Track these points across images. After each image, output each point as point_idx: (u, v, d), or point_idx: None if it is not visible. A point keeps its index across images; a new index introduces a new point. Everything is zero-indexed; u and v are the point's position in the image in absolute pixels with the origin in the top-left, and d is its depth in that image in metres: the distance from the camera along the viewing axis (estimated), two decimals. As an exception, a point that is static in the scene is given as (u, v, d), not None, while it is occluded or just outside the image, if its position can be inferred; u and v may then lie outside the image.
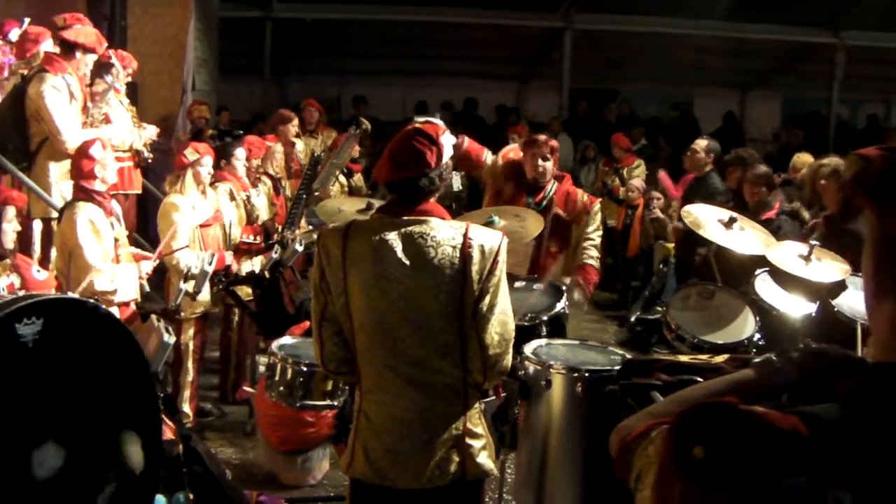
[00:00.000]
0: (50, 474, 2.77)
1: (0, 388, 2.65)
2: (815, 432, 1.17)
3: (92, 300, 3.16)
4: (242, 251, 6.41)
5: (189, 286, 5.16)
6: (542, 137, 5.66)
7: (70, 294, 4.38)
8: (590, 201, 5.59)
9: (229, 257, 6.00)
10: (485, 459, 2.94)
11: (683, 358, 2.86)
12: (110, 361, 2.99)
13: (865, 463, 1.16)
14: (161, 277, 6.12)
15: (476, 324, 2.82)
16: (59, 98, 6.16)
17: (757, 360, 1.63)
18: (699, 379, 2.51)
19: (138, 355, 3.13)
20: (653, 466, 1.39)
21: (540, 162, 5.42)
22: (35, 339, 2.70)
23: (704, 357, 2.88)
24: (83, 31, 6.40)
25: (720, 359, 2.59)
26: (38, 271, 4.94)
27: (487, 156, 5.68)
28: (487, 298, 2.82)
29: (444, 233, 2.81)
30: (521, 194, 5.53)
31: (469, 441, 2.90)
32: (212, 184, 6.29)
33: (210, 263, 5.33)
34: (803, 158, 8.22)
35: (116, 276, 5.02)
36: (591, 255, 5.50)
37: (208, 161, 6.00)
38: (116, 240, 5.19)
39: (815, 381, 1.49)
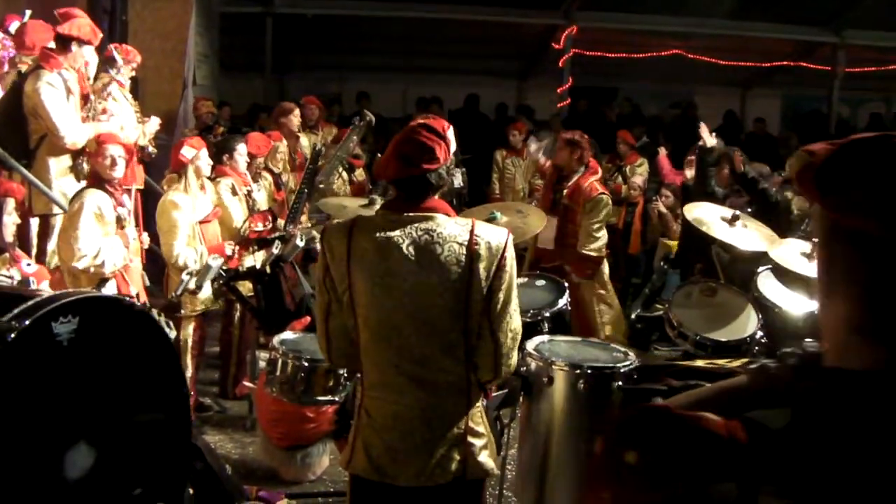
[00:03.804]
0: (81, 475, 2.75)
1: (35, 387, 2.62)
2: (754, 438, 1.14)
3: (127, 298, 3.15)
4: (252, 240, 6.41)
5: (191, 282, 5.15)
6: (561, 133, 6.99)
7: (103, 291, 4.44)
8: (590, 189, 6.32)
9: (228, 249, 5.99)
10: (486, 458, 2.92)
11: (700, 363, 2.84)
12: (144, 359, 2.97)
13: (806, 474, 1.12)
14: (161, 272, 6.12)
15: (491, 322, 2.80)
16: (56, 94, 6.15)
17: (753, 365, 1.58)
18: (707, 384, 2.48)
19: (170, 352, 3.12)
20: None
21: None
22: (70, 337, 2.67)
23: (721, 362, 2.85)
24: (77, 23, 6.38)
25: (738, 363, 2.55)
26: (29, 265, 4.95)
27: None
28: (501, 296, 2.79)
29: (451, 230, 2.78)
30: (551, 185, 6.70)
31: (471, 440, 2.88)
32: (213, 179, 6.28)
33: (215, 260, 5.33)
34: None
35: (101, 251, 5.07)
36: (581, 241, 6.28)
37: (205, 154, 6.06)
38: (123, 228, 5.24)
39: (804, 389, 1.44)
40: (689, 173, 7.46)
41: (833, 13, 14.18)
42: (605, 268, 6.59)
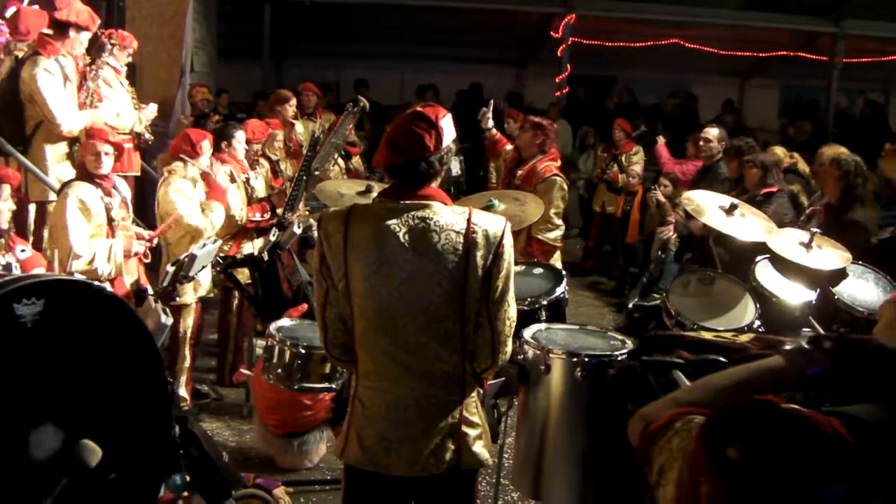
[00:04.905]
0: (48, 455, 2.74)
1: None
2: (859, 437, 1.11)
3: (96, 283, 3.12)
4: (250, 230, 6.40)
5: (178, 272, 5.11)
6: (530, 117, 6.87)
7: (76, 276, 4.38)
8: (544, 171, 6.26)
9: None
10: (480, 448, 2.91)
11: (707, 335, 2.82)
12: (117, 344, 2.95)
13: None
14: (157, 261, 6.10)
15: (488, 310, 2.79)
16: (53, 81, 6.13)
17: (788, 346, 1.54)
18: (722, 359, 2.46)
19: (146, 338, 3.09)
20: (677, 462, 1.31)
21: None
22: (35, 319, 2.66)
23: (729, 335, 2.83)
24: (75, 9, 6.36)
25: (745, 338, 2.53)
26: (23, 251, 4.93)
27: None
28: (499, 284, 2.78)
29: (448, 218, 2.77)
30: (510, 168, 6.57)
31: (465, 429, 2.87)
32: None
33: (202, 247, 5.30)
34: (778, 151, 8.13)
35: (96, 255, 5.04)
36: (540, 228, 6.07)
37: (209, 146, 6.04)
38: (112, 220, 5.19)
39: (848, 372, 1.40)
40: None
41: (832, 3, 14.16)
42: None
